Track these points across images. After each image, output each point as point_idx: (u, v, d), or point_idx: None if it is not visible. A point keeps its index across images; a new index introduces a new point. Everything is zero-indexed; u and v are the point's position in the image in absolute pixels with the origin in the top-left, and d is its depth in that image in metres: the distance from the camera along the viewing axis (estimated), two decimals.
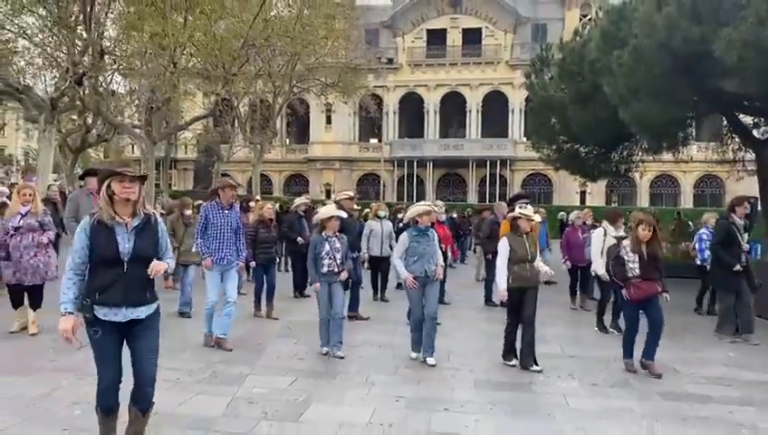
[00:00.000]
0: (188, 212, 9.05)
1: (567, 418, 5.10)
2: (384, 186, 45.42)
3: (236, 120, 30.65)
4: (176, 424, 4.62)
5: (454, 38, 45.92)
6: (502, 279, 6.41)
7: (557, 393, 5.74)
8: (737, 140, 18.79)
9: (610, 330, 8.54)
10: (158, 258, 3.76)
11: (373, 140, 48.02)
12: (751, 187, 35.21)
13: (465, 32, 45.66)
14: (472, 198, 43.05)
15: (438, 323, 6.95)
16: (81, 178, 9.50)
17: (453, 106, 46.08)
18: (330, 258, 6.50)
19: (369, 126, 46.11)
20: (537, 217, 6.86)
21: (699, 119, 15.96)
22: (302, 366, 6.37)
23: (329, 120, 45.75)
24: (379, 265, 10.18)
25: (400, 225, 11.01)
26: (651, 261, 6.34)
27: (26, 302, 7.21)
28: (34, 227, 6.91)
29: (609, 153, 19.13)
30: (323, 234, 6.53)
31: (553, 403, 5.46)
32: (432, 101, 45.99)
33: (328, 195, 42.49)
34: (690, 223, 19.98)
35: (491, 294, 10.28)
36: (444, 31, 45.98)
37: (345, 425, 4.72)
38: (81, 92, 15.47)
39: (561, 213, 22.27)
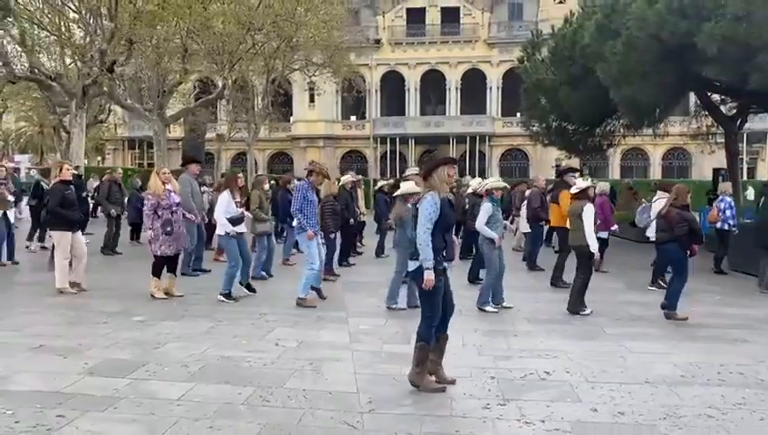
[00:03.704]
0: (266, 187, 10.53)
1: (607, 338, 6.74)
2: (367, 162, 46.75)
3: (229, 101, 31.53)
4: (322, 347, 6.11)
5: (433, 17, 47.13)
6: (595, 242, 7.72)
7: (593, 325, 7.37)
8: (705, 115, 20.79)
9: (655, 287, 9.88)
10: None
11: (353, 118, 49.12)
12: (716, 160, 37.56)
13: (444, 10, 46.90)
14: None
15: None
16: (183, 164, 10.66)
17: (432, 84, 47.43)
18: None
19: (352, 104, 47.22)
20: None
21: (678, 99, 17.68)
22: (384, 313, 7.87)
23: (312, 99, 46.63)
24: None
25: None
26: None
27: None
28: (178, 202, 8.23)
29: (593, 130, 20.88)
30: (409, 205, 7.93)
31: (593, 331, 7.08)
32: (413, 79, 47.27)
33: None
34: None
35: (536, 258, 11.75)
36: (423, 10, 47.14)
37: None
38: (115, 80, 16.47)
39: None
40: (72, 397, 4.43)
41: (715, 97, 18.94)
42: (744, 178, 33.60)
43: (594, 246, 7.79)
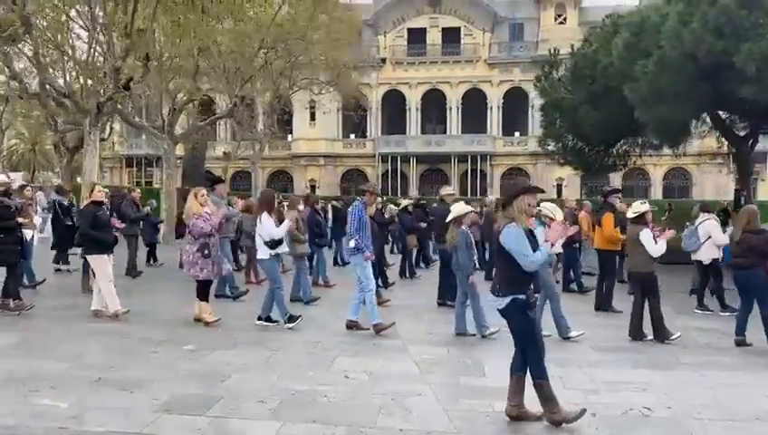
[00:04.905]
0: (301, 207, 10.18)
1: (685, 368, 6.43)
2: (368, 181, 46.48)
3: (235, 118, 31.21)
4: (394, 379, 5.72)
5: (434, 37, 47.27)
6: (662, 245, 7.54)
7: (665, 353, 7.05)
8: (718, 136, 20.77)
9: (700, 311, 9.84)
10: None
11: (352, 136, 48.90)
12: (720, 179, 37.35)
13: (445, 31, 47.07)
14: (454, 192, 44.46)
15: None
16: (211, 185, 10.17)
17: (433, 103, 47.41)
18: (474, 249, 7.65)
19: (353, 122, 47.05)
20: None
21: (702, 118, 17.55)
22: (439, 340, 7.52)
23: (313, 117, 46.39)
24: None
25: None
26: None
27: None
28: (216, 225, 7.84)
29: (609, 149, 20.76)
30: (462, 228, 7.64)
31: (667, 360, 6.76)
32: (413, 98, 47.24)
33: (313, 191, 43.28)
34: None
35: (572, 280, 11.67)
36: (424, 30, 47.29)
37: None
38: (129, 97, 16.15)
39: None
40: None
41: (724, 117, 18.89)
42: None
43: (663, 248, 7.52)
